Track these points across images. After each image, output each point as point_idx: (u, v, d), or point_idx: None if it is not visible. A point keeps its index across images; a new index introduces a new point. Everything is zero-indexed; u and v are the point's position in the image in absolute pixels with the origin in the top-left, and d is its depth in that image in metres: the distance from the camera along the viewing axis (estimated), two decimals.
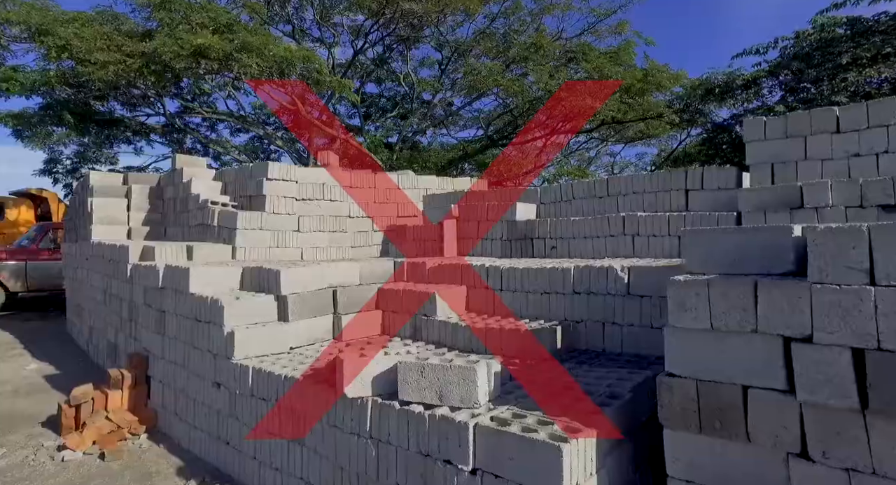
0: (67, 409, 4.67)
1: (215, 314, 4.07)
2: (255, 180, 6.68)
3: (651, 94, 11.43)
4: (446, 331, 4.36)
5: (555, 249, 5.79)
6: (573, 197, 6.17)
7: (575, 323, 4.08)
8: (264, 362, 3.82)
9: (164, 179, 8.27)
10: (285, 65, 9.46)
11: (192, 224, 6.96)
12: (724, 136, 10.71)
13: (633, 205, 5.61)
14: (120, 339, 6.22)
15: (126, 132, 20.45)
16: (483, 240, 6.43)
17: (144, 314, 5.26)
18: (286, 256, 6.69)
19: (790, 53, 9.47)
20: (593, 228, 5.48)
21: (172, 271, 4.62)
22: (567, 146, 20.83)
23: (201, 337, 4.25)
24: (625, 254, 5.20)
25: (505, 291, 4.57)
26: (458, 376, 2.67)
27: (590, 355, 3.81)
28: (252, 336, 3.98)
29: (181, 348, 4.55)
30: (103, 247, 6.64)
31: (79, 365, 7.19)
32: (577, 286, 4.10)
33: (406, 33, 17.40)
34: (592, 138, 15.98)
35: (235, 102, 20.24)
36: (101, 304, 6.93)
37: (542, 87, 10.96)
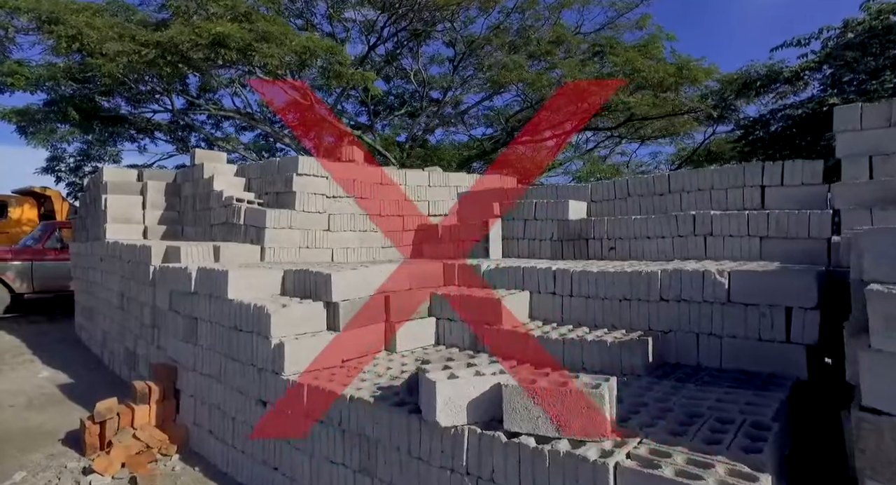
0: (91, 426, 4.24)
1: (260, 323, 3.64)
2: (284, 176, 6.25)
3: (684, 89, 11.01)
4: (514, 342, 3.94)
5: (613, 249, 5.36)
6: (629, 194, 5.75)
7: (662, 334, 3.66)
8: (319, 379, 3.39)
9: (180, 175, 7.83)
10: (308, 56, 9.02)
11: (215, 223, 6.52)
12: (760, 131, 10.29)
13: (699, 203, 5.19)
14: (140, 346, 5.79)
15: (130, 130, 20.03)
16: (530, 240, 6.00)
17: (171, 321, 4.82)
18: (316, 257, 6.25)
19: (840, 43, 9.06)
20: (658, 228, 5.06)
21: (207, 274, 4.18)
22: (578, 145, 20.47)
23: (242, 348, 3.82)
24: (696, 256, 4.78)
25: (576, 297, 4.14)
26: (581, 403, 2.24)
27: (686, 371, 3.38)
28: (303, 348, 3.55)
29: (217, 360, 4.12)
30: (120, 247, 6.20)
31: (94, 373, 6.75)
32: (664, 292, 3.68)
33: (419, 29, 16.96)
34: (612, 136, 15.56)
35: (241, 100, 19.80)
36: (118, 308, 6.49)
37: (572, 81, 10.55)
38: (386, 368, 3.68)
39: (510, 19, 16.73)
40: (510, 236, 6.13)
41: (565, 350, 3.65)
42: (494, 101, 18.36)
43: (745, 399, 2.69)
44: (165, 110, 17.15)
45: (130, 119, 19.09)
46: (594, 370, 3.51)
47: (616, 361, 3.43)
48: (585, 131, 15.52)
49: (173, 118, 19.17)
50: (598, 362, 3.50)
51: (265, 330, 3.59)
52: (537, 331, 3.92)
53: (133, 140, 21.22)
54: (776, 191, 4.69)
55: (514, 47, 16.75)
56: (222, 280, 3.98)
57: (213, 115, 20.00)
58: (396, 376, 3.47)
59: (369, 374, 3.50)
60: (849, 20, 9.22)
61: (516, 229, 6.08)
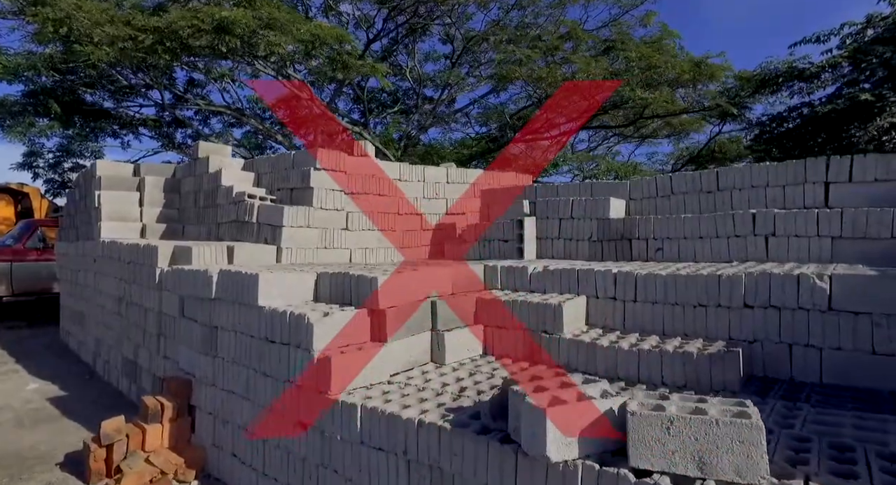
0: (97, 449, 3.75)
1: (299, 334, 3.20)
2: (301, 171, 5.78)
3: (701, 86, 10.77)
4: (579, 352, 3.56)
5: (661, 250, 5.02)
6: (672, 192, 5.42)
7: (747, 344, 3.31)
8: (373, 398, 2.96)
9: (181, 170, 7.31)
10: (318, 44, 8.51)
11: (223, 221, 6.03)
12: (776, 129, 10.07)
13: (753, 201, 4.87)
14: (142, 356, 5.28)
15: (113, 125, 19.25)
16: (566, 240, 5.63)
17: (184, 329, 4.34)
18: (335, 258, 5.80)
19: (863, 38, 8.88)
20: (711, 228, 4.72)
21: (232, 279, 3.72)
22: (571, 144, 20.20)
23: (275, 362, 3.38)
24: (756, 258, 4.45)
25: (641, 303, 3.78)
26: (733, 435, 1.86)
27: (784, 388, 3.03)
28: (349, 363, 3.12)
29: (242, 374, 3.66)
30: (120, 247, 5.67)
31: (88, 385, 6.20)
32: (749, 298, 3.33)
33: (416, 24, 16.53)
34: (615, 134, 15.30)
35: (231, 95, 19.14)
36: (115, 313, 5.97)
37: (586, 76, 10.22)
38: (441, 384, 3.27)
39: (510, 16, 16.40)
40: (544, 236, 5.75)
41: (641, 362, 3.28)
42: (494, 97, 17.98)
43: (882, 425, 2.34)
44: (155, 104, 16.42)
45: (114, 113, 18.32)
46: (677, 386, 3.14)
47: (704, 375, 3.06)
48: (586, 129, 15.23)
49: (160, 113, 18.44)
50: (682, 377, 3.14)
51: (306, 342, 3.15)
52: (603, 340, 3.54)
53: (116, 135, 20.41)
54: (843, 188, 4.39)
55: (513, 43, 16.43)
56: (251, 285, 3.52)
57: (201, 111, 19.30)
58: (458, 394, 3.06)
59: (427, 392, 3.09)
60: (872, 15, 9.07)
61: (551, 229, 5.71)
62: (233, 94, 19.55)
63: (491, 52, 17.74)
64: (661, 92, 10.38)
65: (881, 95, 7.97)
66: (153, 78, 14.35)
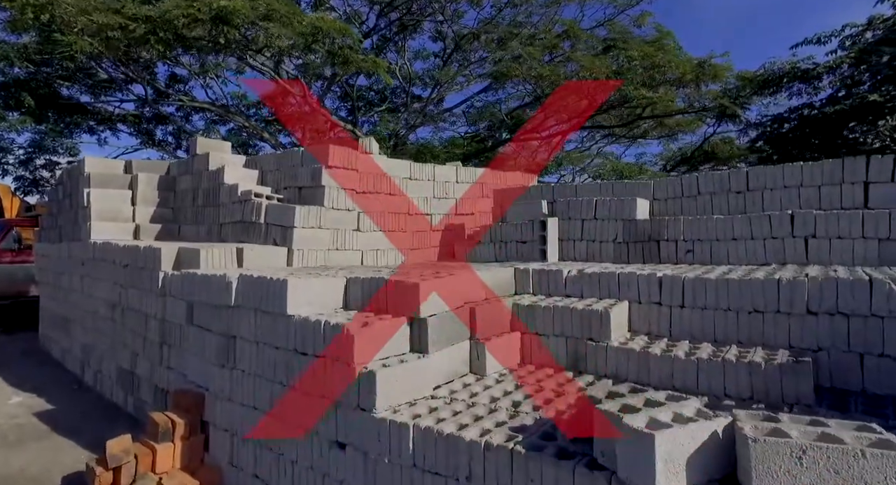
0: (103, 473, 3.40)
1: (339, 346, 2.91)
2: (311, 168, 5.46)
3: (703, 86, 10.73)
4: (629, 361, 3.35)
5: (691, 252, 4.85)
6: (699, 192, 5.26)
7: (810, 352, 3.13)
8: (422, 416, 2.70)
9: (176, 167, 6.91)
10: (320, 36, 8.15)
11: (226, 221, 5.68)
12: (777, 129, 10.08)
13: (785, 201, 4.74)
14: (141, 365, 4.92)
15: (89, 120, 18.52)
16: (589, 242, 5.43)
17: (194, 339, 4.01)
18: (346, 260, 5.50)
19: (864, 40, 8.93)
20: (745, 229, 4.57)
21: (255, 284, 3.41)
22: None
23: (309, 376, 3.08)
24: (795, 260, 4.31)
25: (689, 308, 3.59)
26: (886, 471, 1.66)
27: (860, 400, 2.86)
28: (394, 377, 2.85)
29: (266, 389, 3.36)
30: (114, 249, 5.29)
31: (77, 397, 5.78)
32: (813, 304, 3.15)
33: (409, 21, 16.24)
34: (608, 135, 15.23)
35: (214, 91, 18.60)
36: (107, 319, 5.57)
37: (590, 75, 10.06)
38: (490, 398, 3.03)
39: (503, 14, 16.21)
40: (565, 238, 5.55)
41: (700, 372, 3.08)
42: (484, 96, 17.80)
43: None
44: (137, 99, 15.80)
45: (91, 108, 17.61)
46: (741, 398, 2.96)
47: (773, 387, 2.88)
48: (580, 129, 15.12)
49: (140, 109, 17.77)
50: (748, 388, 2.94)
51: (345, 355, 2.87)
52: (655, 348, 3.34)
53: (92, 132, 19.66)
54: (885, 188, 4.27)
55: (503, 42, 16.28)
56: (278, 292, 3.22)
57: (183, 108, 18.67)
58: (513, 410, 2.82)
59: (478, 408, 2.83)
60: (874, 17, 9.13)
61: (573, 230, 5.50)
62: (217, 90, 18.97)
63: (482, 51, 17.58)
64: (667, 91, 10.31)
65: (890, 96, 8.01)
66: (136, 72, 13.75)
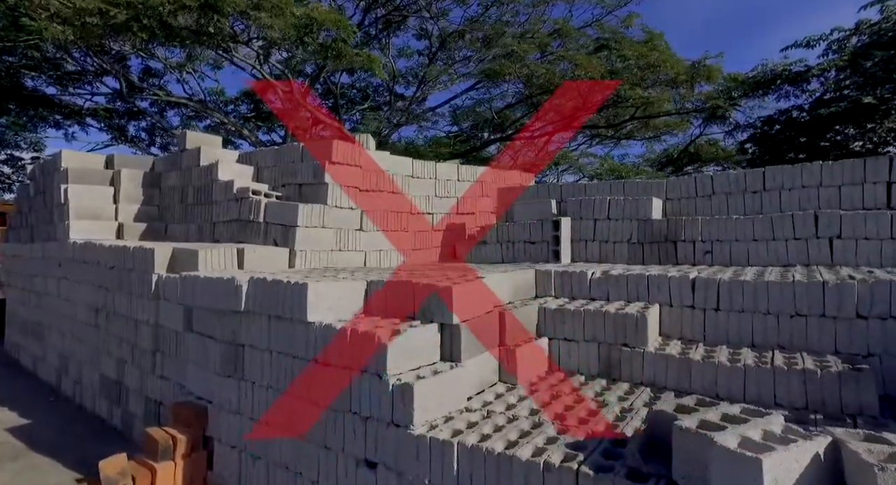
0: None
1: (367, 356, 2.66)
2: (313, 164, 5.17)
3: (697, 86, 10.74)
4: (668, 368, 3.18)
5: (709, 253, 4.74)
6: (713, 191, 5.15)
7: (860, 358, 3.02)
8: (464, 432, 2.48)
9: (161, 162, 6.52)
10: (315, 28, 7.80)
11: (220, 220, 5.34)
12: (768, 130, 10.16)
13: (804, 201, 4.66)
14: (130, 375, 4.56)
15: (55, 114, 17.70)
16: (602, 242, 5.28)
17: (194, 347, 3.69)
18: (347, 261, 5.23)
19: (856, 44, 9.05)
20: (766, 229, 4.47)
21: (268, 288, 3.13)
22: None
23: (331, 390, 2.82)
24: (819, 261, 4.22)
25: (725, 312, 3.44)
26: None
27: None
28: (430, 390, 2.61)
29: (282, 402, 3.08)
30: (98, 249, 4.91)
31: (55, 409, 5.36)
32: (863, 308, 3.04)
33: (394, 18, 15.95)
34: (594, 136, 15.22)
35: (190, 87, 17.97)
36: (89, 325, 5.19)
37: (585, 73, 9.93)
38: (529, 410, 2.82)
39: (489, 13, 16.06)
40: (577, 238, 5.38)
41: (747, 380, 2.93)
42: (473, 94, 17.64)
43: None
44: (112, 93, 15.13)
45: (58, 102, 16.81)
46: (795, 408, 2.81)
47: (831, 396, 2.73)
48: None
49: (111, 103, 17.02)
50: (801, 397, 2.80)
51: (376, 366, 2.62)
52: (695, 354, 3.18)
53: (59, 126, 18.82)
54: None
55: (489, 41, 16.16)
56: (297, 297, 2.95)
57: (157, 103, 17.98)
58: (560, 423, 2.61)
59: (522, 421, 2.62)
60: (861, 21, 9.27)
61: (585, 230, 5.34)
62: (194, 85, 18.34)
63: (466, 50, 17.42)
64: (662, 91, 10.28)
65: (883, 98, 8.13)
66: (108, 63, 13.10)
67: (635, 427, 2.56)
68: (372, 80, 20.53)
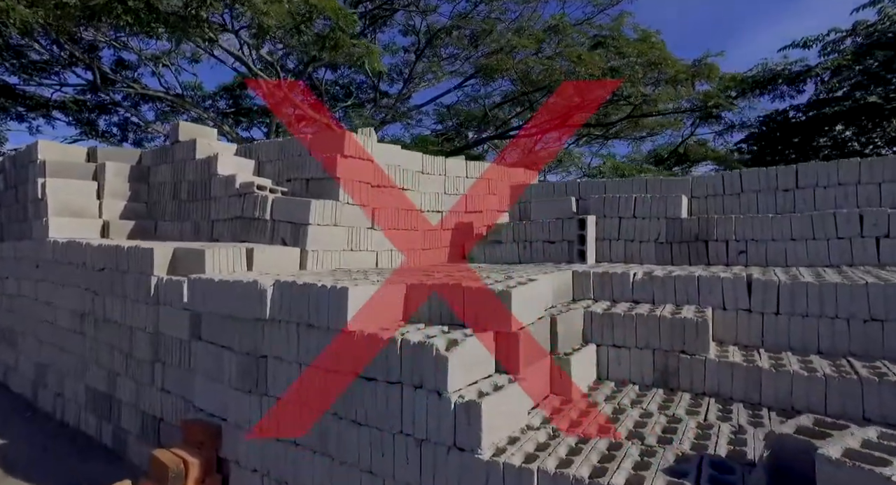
0: None
1: (423, 369, 2.35)
2: (324, 157, 4.79)
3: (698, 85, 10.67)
4: (734, 377, 2.95)
5: (744, 253, 4.54)
6: (742, 189, 4.97)
7: None
8: (541, 457, 2.18)
9: (149, 156, 6.04)
10: (315, 15, 7.37)
11: (220, 217, 4.92)
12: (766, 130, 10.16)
13: (840, 199, 4.50)
14: (124, 387, 4.12)
15: (18, 106, 16.75)
16: (627, 242, 5.05)
17: (203, 357, 3.30)
18: (359, 262, 4.88)
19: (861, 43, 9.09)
20: (806, 228, 4.30)
21: (300, 293, 2.77)
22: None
23: (377, 408, 2.49)
24: (865, 262, 4.06)
25: (785, 315, 3.23)
26: None
27: None
28: (496, 407, 2.31)
29: (315, 422, 2.73)
30: (85, 249, 4.45)
31: (32, 425, 4.86)
32: None
33: (381, 13, 15.57)
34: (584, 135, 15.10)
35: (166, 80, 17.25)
36: (74, 333, 4.72)
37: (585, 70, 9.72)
38: (598, 427, 2.53)
39: (478, 10, 15.82)
40: (600, 237, 5.13)
41: (829, 391, 2.71)
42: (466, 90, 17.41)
43: None
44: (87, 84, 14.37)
45: (21, 93, 15.90)
46: (889, 423, 2.58)
47: None
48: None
49: (82, 95, 16.18)
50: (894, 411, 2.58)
51: (434, 381, 2.30)
52: (762, 362, 2.95)
53: (21, 119, 17.81)
54: None
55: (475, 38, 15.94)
56: (336, 302, 2.61)
57: (131, 96, 17.18)
58: (642, 443, 2.34)
59: (599, 441, 2.33)
60: (858, 22, 9.34)
61: (610, 229, 5.10)
62: (170, 78, 17.58)
63: (453, 47, 17.18)
64: (665, 89, 10.18)
65: (889, 97, 8.16)
66: (80, 53, 12.37)
67: (726, 447, 2.30)
68: (356, 77, 20.11)
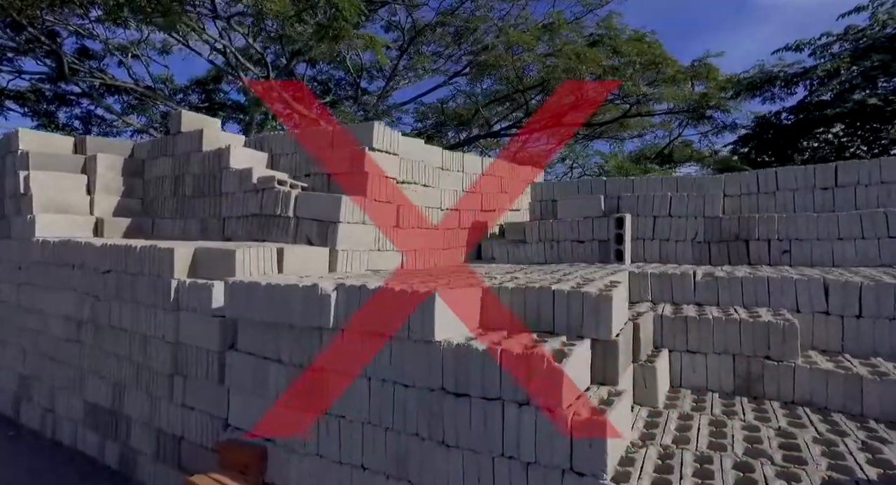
0: None
1: (527, 385, 2.07)
2: (350, 150, 4.45)
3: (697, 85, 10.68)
4: (829, 385, 2.78)
5: (787, 253, 4.44)
6: (777, 188, 4.87)
7: None
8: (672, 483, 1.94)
9: (144, 148, 5.56)
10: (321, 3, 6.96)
11: (234, 215, 4.52)
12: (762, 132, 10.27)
13: (883, 198, 4.43)
14: (134, 403, 3.71)
15: None
16: (662, 241, 4.89)
17: (243, 371, 2.94)
18: (386, 263, 4.56)
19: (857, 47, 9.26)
20: (854, 227, 4.22)
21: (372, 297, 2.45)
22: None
23: (470, 428, 2.21)
24: None
25: (870, 319, 3.09)
26: None
27: None
28: (615, 424, 2.06)
29: (391, 442, 2.43)
30: (85, 249, 4.00)
31: (17, 446, 4.36)
32: None
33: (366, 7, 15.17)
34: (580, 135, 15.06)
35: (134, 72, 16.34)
36: (69, 341, 4.25)
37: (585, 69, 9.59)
38: (707, 442, 2.31)
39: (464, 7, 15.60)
40: (633, 237, 4.96)
41: None
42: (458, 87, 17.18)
43: None
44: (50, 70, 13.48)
45: None
46: None
47: None
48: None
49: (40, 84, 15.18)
50: None
51: (547, 397, 2.04)
52: (859, 369, 2.79)
53: None
54: None
55: (459, 36, 15.74)
56: (422, 309, 2.30)
57: (96, 88, 16.25)
58: (772, 464, 2.13)
59: (713, 457, 2.11)
60: (850, 27, 9.53)
61: (644, 228, 4.93)
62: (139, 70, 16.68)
63: (436, 45, 16.93)
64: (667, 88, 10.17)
65: (888, 100, 8.32)
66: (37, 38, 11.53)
67: (869, 467, 2.12)
68: (334, 74, 19.60)
